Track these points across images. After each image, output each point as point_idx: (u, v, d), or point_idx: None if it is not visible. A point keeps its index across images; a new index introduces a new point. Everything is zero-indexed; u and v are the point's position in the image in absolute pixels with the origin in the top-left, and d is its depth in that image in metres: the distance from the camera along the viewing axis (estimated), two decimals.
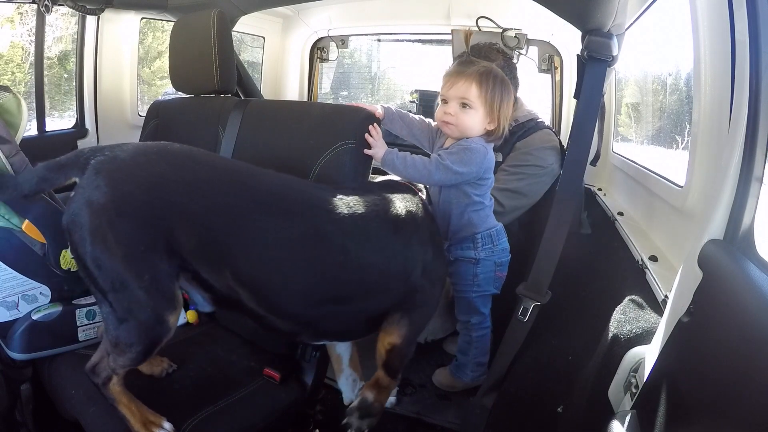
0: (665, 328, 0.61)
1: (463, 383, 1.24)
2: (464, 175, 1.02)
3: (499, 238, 1.14)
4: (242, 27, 1.83)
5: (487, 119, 1.03)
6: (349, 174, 0.93)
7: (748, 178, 0.53)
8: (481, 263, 1.13)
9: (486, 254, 1.12)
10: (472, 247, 1.12)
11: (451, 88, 1.02)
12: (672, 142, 1.22)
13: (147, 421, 0.76)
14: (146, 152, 0.74)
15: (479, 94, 1.01)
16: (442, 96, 1.05)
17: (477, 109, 1.02)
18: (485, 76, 1.01)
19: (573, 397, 0.83)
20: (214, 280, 0.75)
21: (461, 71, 1.03)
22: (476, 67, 1.03)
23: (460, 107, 1.02)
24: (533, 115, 1.44)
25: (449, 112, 1.02)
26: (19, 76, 1.94)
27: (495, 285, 1.16)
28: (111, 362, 0.75)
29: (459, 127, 1.03)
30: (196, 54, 1.21)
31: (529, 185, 1.33)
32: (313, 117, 1.02)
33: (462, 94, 1.01)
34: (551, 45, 1.79)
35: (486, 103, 1.01)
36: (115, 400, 0.77)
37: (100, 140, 1.64)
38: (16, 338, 0.88)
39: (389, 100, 2.75)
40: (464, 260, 1.13)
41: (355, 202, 0.83)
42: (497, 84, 1.02)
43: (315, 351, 0.97)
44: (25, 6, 1.60)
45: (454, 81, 1.02)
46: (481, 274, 1.14)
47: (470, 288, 1.15)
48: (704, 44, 0.82)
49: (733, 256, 0.52)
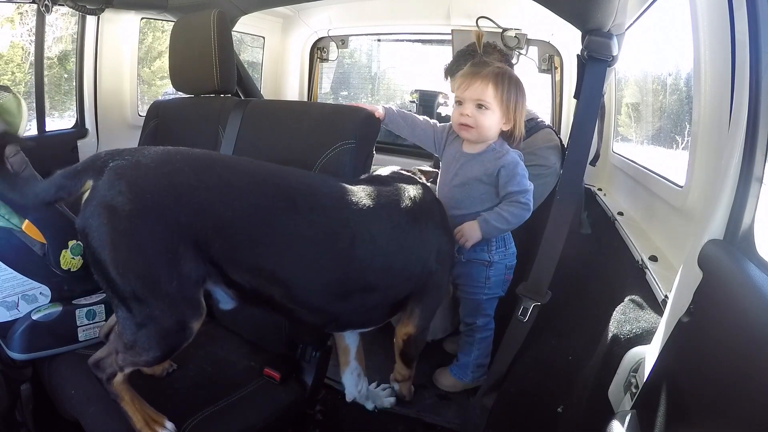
0: (665, 328, 0.61)
1: (462, 384, 1.24)
2: (531, 191, 1.06)
3: (510, 241, 1.15)
4: (242, 27, 1.83)
5: (503, 120, 1.03)
6: (349, 174, 0.93)
7: (748, 178, 0.53)
8: (494, 266, 1.13)
9: (499, 257, 1.13)
10: (486, 249, 1.12)
11: (467, 90, 1.02)
12: (672, 142, 1.22)
13: (149, 419, 0.76)
14: (170, 159, 0.73)
15: (495, 94, 1.01)
16: (457, 98, 1.05)
17: (494, 110, 1.02)
18: (501, 76, 1.02)
19: (573, 397, 0.83)
20: (245, 281, 0.76)
21: (476, 72, 1.03)
22: (491, 68, 1.03)
23: (477, 108, 1.02)
24: (533, 115, 1.44)
25: (466, 113, 1.02)
26: (19, 76, 1.94)
27: (503, 288, 1.17)
28: (120, 360, 0.74)
29: (477, 129, 1.03)
30: (196, 54, 1.21)
31: (536, 186, 1.34)
32: (313, 117, 1.02)
33: (478, 95, 1.01)
34: (551, 45, 1.79)
35: (502, 103, 1.02)
36: (118, 397, 0.76)
37: (100, 140, 1.64)
38: (16, 338, 0.88)
39: (389, 100, 2.74)
40: (477, 262, 1.13)
41: (377, 193, 0.86)
42: (512, 84, 1.03)
43: (315, 351, 0.97)
44: (25, 6, 1.60)
45: (470, 82, 1.02)
46: (493, 277, 1.14)
47: (481, 290, 1.15)
48: (704, 44, 0.82)
49: (733, 256, 0.52)
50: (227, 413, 0.83)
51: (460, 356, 1.23)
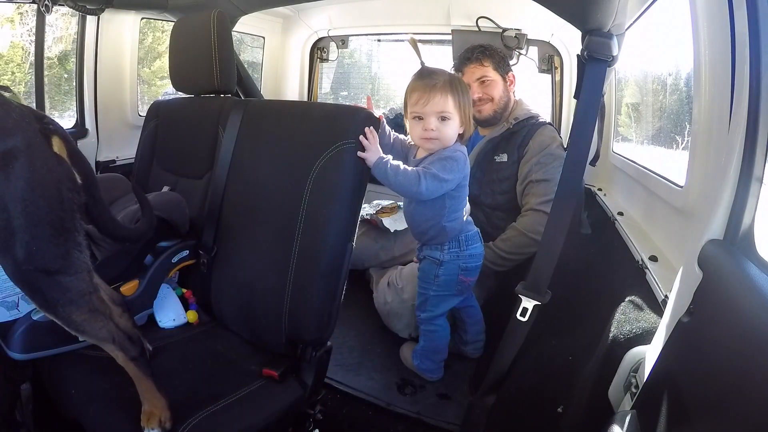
0: (665, 328, 0.61)
1: (412, 364, 1.30)
2: (450, 183, 1.04)
3: (468, 243, 1.16)
4: (242, 27, 1.83)
5: (460, 125, 1.05)
6: (349, 174, 0.93)
7: (748, 178, 0.53)
8: (445, 265, 1.16)
9: (451, 257, 1.15)
10: (438, 248, 1.16)
11: (428, 104, 1.03)
12: (672, 142, 1.22)
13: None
14: None
15: (455, 103, 1.03)
16: (416, 114, 1.05)
17: (454, 119, 1.04)
18: (453, 84, 1.04)
19: (573, 397, 0.83)
20: None
21: (432, 84, 1.03)
22: (442, 77, 1.04)
23: (439, 121, 1.03)
24: (532, 113, 1.44)
25: (431, 128, 1.03)
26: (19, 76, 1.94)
27: (458, 288, 1.19)
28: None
29: (441, 140, 1.04)
30: (196, 54, 1.21)
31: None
32: (313, 117, 1.02)
33: (441, 108, 1.02)
34: (551, 45, 1.79)
35: (461, 110, 1.04)
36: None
37: (100, 140, 1.64)
38: (16, 338, 0.88)
39: (389, 100, 2.74)
40: (430, 259, 1.17)
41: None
42: (463, 89, 1.05)
43: (315, 351, 0.97)
44: (25, 6, 1.60)
45: (429, 96, 1.02)
46: (443, 276, 1.17)
47: (429, 287, 1.19)
48: (704, 44, 0.82)
49: (733, 256, 0.52)
50: (227, 413, 0.83)
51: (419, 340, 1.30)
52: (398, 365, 1.34)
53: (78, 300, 0.74)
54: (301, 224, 0.94)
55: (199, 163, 1.21)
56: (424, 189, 1.01)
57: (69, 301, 0.73)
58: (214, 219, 1.10)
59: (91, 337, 0.77)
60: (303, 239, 0.93)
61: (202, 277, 1.12)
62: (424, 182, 1.01)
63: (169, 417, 0.77)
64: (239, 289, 1.04)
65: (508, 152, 1.41)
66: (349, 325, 1.50)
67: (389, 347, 1.42)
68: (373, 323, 1.51)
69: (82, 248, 0.74)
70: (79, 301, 0.74)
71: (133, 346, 0.80)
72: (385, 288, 1.45)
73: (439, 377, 1.29)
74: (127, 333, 0.80)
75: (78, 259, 0.73)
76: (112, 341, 0.78)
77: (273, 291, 0.96)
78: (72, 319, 0.74)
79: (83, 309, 0.74)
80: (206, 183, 1.19)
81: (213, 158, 1.17)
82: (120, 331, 0.79)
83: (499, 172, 1.43)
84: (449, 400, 1.23)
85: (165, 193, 1.18)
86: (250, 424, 0.83)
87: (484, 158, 1.46)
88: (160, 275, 1.09)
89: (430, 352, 1.27)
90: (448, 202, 1.09)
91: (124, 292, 1.02)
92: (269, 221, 1.00)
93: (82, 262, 0.74)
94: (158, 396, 0.78)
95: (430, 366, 1.28)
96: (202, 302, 1.14)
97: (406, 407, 1.19)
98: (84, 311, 0.74)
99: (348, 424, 1.17)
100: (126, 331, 0.80)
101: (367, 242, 1.67)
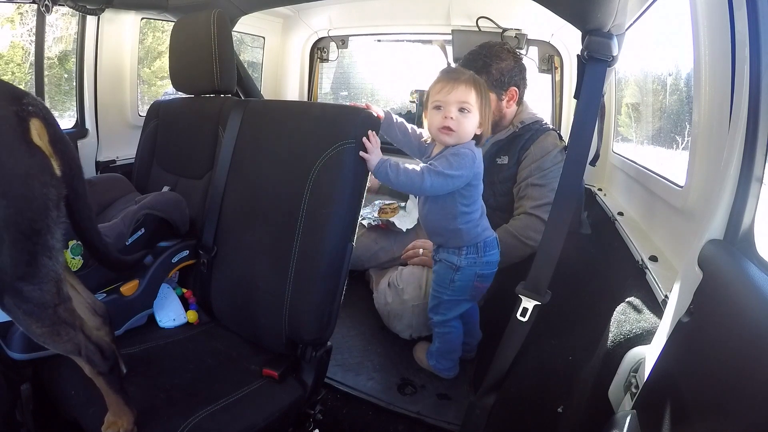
0: (665, 329, 0.61)
1: (428, 365, 1.31)
2: (456, 179, 1.03)
3: (486, 249, 1.14)
4: (242, 27, 1.83)
5: (478, 124, 1.05)
6: (349, 174, 0.93)
7: (748, 178, 0.53)
8: (462, 271, 1.15)
9: (468, 263, 1.14)
10: (456, 253, 1.14)
11: (451, 93, 1.03)
12: (672, 142, 1.22)
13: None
14: None
15: (476, 99, 1.04)
16: (438, 102, 1.05)
17: (474, 114, 1.04)
18: (478, 82, 1.05)
19: (573, 397, 0.83)
20: None
21: (457, 77, 1.05)
22: (468, 73, 1.06)
23: (459, 111, 1.03)
24: (538, 117, 1.44)
25: (450, 116, 1.03)
26: (19, 76, 1.94)
27: (472, 294, 1.18)
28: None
29: (459, 133, 1.04)
30: (196, 54, 1.21)
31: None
32: (313, 117, 1.02)
33: (463, 98, 1.03)
34: (551, 45, 1.79)
35: (481, 108, 1.05)
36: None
37: (100, 140, 1.64)
38: (16, 338, 0.88)
39: (389, 100, 2.74)
40: (446, 264, 1.16)
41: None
42: (485, 91, 1.06)
43: (315, 351, 0.97)
44: (25, 6, 1.60)
45: (453, 86, 1.03)
46: (459, 281, 1.16)
47: (444, 291, 1.18)
48: (704, 44, 0.82)
49: (733, 256, 0.52)
50: (227, 413, 0.83)
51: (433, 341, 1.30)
52: (398, 365, 1.35)
53: (38, 312, 0.65)
54: (301, 224, 0.94)
55: (199, 163, 1.21)
56: (428, 185, 1.01)
57: (28, 313, 0.65)
58: (214, 219, 1.10)
59: (54, 349, 0.70)
60: (303, 239, 0.93)
61: (202, 277, 1.12)
62: (428, 179, 1.01)
63: (131, 430, 0.75)
64: (239, 289, 1.04)
65: (510, 155, 1.41)
66: (349, 325, 1.50)
67: (389, 347, 1.42)
68: (373, 323, 1.51)
69: (53, 253, 0.65)
70: (40, 313, 0.66)
71: (103, 361, 0.73)
72: (386, 289, 1.45)
73: (456, 373, 1.30)
74: (99, 346, 0.73)
75: (45, 267, 0.64)
76: (78, 353, 0.71)
77: (273, 291, 0.96)
78: (32, 330, 0.67)
79: (45, 322, 0.66)
80: (206, 183, 1.19)
81: (213, 158, 1.18)
82: (91, 344, 0.72)
83: (500, 174, 1.43)
84: (449, 400, 1.23)
85: (165, 193, 1.18)
86: (250, 423, 0.83)
87: (488, 160, 1.46)
88: (160, 275, 1.09)
89: (446, 352, 1.27)
90: (459, 201, 1.08)
91: (124, 292, 1.02)
92: (269, 221, 1.00)
93: (50, 270, 0.65)
94: (126, 410, 0.76)
95: (447, 365, 1.28)
96: (202, 302, 1.14)
97: (406, 407, 1.19)
98: (45, 324, 0.67)
99: (348, 424, 1.17)
100: (99, 344, 0.73)
101: (367, 243, 1.67)
